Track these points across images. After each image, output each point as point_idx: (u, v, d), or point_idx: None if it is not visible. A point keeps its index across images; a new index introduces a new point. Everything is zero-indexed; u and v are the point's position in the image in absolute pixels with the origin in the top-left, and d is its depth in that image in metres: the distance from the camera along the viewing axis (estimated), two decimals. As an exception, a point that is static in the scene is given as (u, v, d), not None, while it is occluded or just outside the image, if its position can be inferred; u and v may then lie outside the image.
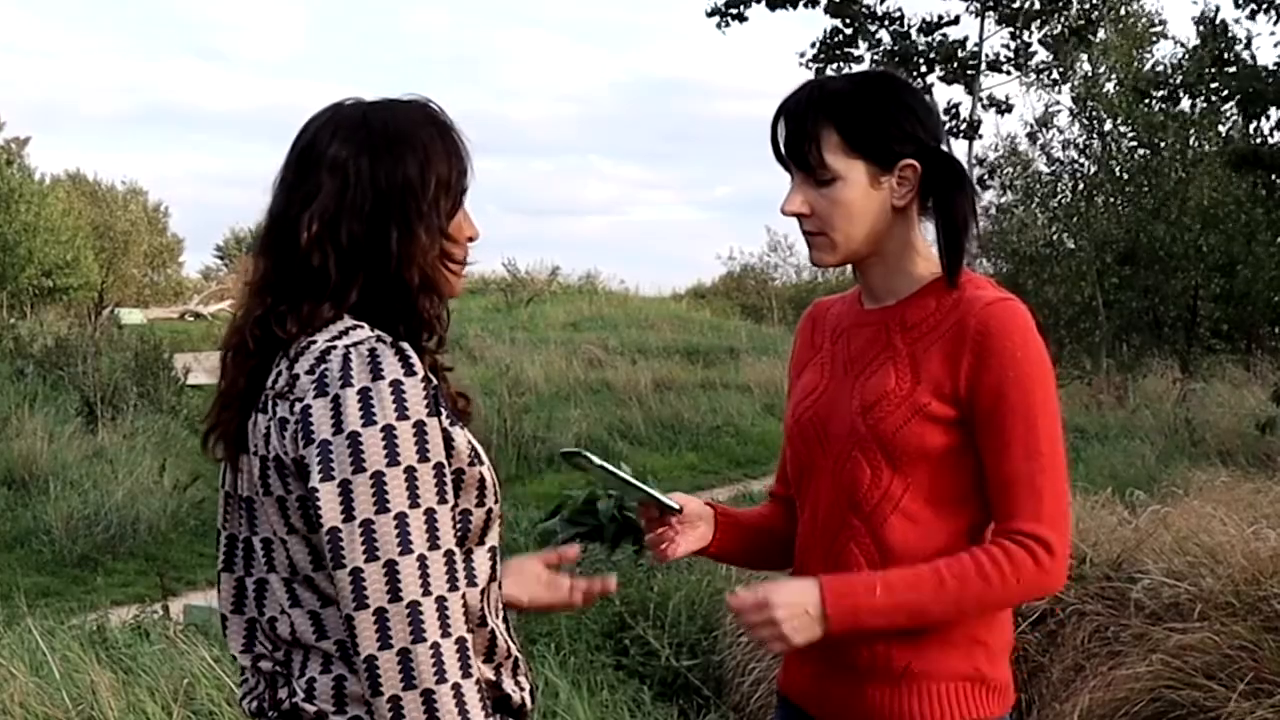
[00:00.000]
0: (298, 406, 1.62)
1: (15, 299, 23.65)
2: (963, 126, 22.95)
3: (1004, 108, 23.02)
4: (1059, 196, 22.87)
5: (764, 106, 2.06)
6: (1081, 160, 22.84)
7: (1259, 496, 5.48)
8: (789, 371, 2.23)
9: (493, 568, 1.75)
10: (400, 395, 1.61)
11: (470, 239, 1.80)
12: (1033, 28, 22.34)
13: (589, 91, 73.10)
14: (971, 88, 22.08)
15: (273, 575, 1.71)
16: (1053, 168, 23.27)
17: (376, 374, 1.61)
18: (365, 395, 1.60)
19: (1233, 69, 12.66)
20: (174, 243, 40.29)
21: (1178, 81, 17.74)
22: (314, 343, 1.67)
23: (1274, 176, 11.58)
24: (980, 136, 23.35)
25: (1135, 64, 21.86)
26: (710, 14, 20.79)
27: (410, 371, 1.62)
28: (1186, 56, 16.87)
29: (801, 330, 2.22)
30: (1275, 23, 12.50)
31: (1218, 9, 14.39)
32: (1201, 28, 14.37)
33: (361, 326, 1.68)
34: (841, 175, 1.94)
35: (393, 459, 1.58)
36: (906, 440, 1.93)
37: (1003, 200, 24.30)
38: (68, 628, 5.88)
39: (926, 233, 2.04)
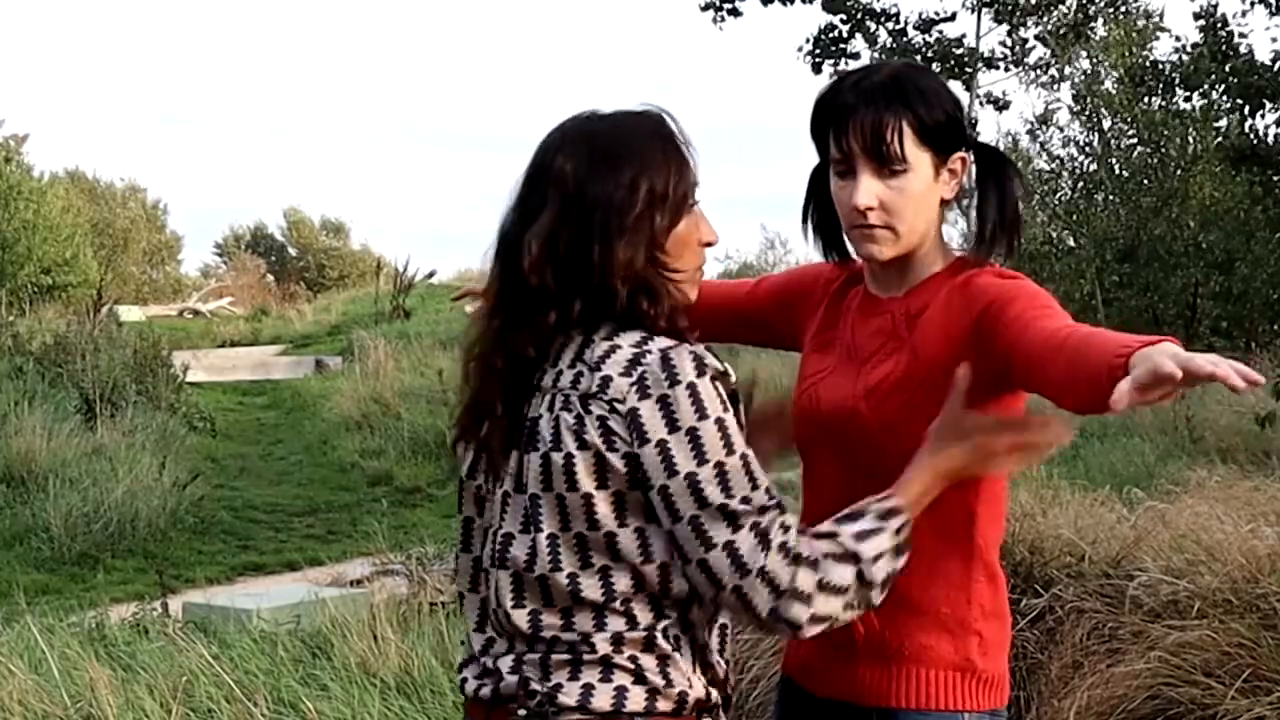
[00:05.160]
0: (621, 408, 1.66)
1: (14, 296, 23.62)
2: (961, 124, 22.89)
3: (1002, 105, 23.01)
4: (1059, 194, 22.85)
5: (761, 106, 2.05)
6: (1081, 158, 22.84)
7: (1257, 494, 5.47)
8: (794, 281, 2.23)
9: None
10: (714, 392, 1.67)
11: (708, 244, 1.81)
12: (1029, 23, 22.33)
13: (587, 92, 73.07)
14: (969, 85, 22.07)
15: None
16: (1053, 165, 23.26)
17: (700, 370, 1.67)
18: (694, 391, 1.65)
19: (1230, 65, 12.64)
20: (173, 240, 40.32)
21: (1177, 79, 17.73)
22: (618, 347, 1.68)
23: (1271, 174, 11.57)
24: (979, 134, 23.31)
25: (1135, 60, 21.82)
26: (704, 8, 20.81)
27: (714, 374, 1.68)
28: (1186, 52, 16.85)
29: (818, 280, 2.16)
30: (1272, 14, 12.46)
31: (1217, 3, 14.34)
32: (1201, 22, 14.32)
33: (654, 338, 1.70)
34: (913, 167, 1.91)
35: (729, 447, 1.66)
36: (910, 416, 1.88)
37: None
38: (66, 625, 5.88)
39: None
